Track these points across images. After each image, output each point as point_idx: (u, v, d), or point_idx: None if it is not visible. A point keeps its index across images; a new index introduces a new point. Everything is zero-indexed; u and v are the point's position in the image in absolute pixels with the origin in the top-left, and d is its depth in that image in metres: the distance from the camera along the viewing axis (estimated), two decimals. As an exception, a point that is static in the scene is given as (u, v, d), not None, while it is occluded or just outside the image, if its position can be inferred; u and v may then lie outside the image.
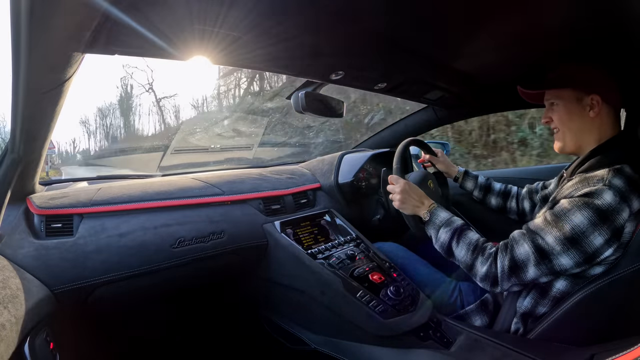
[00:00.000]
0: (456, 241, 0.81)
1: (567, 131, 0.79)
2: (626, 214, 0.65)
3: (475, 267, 0.77)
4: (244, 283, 1.13)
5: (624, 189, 0.66)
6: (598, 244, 0.65)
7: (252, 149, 2.23)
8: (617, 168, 0.68)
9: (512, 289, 0.75)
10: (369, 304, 0.84)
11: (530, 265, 0.70)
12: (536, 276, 0.71)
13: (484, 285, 0.77)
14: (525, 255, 0.71)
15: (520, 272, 0.71)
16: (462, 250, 0.80)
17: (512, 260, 0.72)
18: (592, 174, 0.70)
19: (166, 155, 1.77)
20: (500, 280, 0.73)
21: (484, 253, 0.77)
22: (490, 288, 0.76)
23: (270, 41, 0.66)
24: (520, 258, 0.71)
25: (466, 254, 0.79)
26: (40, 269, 0.72)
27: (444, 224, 0.85)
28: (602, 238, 0.64)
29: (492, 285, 0.75)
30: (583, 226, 0.65)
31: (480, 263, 0.76)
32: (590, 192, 0.66)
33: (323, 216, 1.20)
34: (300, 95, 0.94)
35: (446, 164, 1.21)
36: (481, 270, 0.76)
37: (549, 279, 0.72)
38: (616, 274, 0.65)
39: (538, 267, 0.69)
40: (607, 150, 0.74)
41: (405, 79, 1.03)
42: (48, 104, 0.62)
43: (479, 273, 0.76)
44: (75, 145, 11.53)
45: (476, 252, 0.78)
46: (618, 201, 0.64)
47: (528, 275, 0.71)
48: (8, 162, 0.71)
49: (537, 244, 0.70)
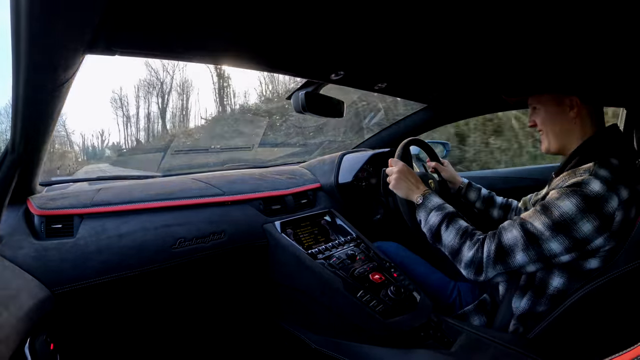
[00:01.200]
0: (446, 225, 0.81)
1: (550, 132, 0.81)
2: (615, 203, 0.65)
3: (462, 252, 0.76)
4: (244, 283, 1.13)
5: (610, 178, 0.67)
6: (587, 231, 0.65)
7: (252, 149, 2.23)
8: (602, 160, 0.70)
9: (497, 278, 0.74)
10: (369, 304, 0.84)
11: (518, 250, 0.69)
12: (524, 262, 0.69)
13: (467, 273, 0.75)
14: (514, 239, 0.70)
15: (507, 257, 0.70)
16: (450, 234, 0.79)
17: (500, 245, 0.71)
18: (578, 167, 0.72)
19: (166, 155, 1.77)
20: (485, 266, 0.72)
21: (472, 238, 0.76)
22: (474, 276, 0.74)
23: (271, 41, 0.66)
24: (508, 243, 0.71)
25: (454, 238, 0.78)
26: (41, 270, 0.72)
27: (435, 207, 0.85)
28: (590, 225, 0.65)
29: (476, 272, 0.74)
30: (572, 212, 0.65)
31: (467, 247, 0.75)
32: (577, 182, 0.67)
33: (323, 216, 1.20)
34: (300, 95, 0.94)
35: (451, 174, 1.18)
36: (467, 255, 0.75)
37: (537, 268, 0.71)
38: (614, 273, 0.65)
39: (526, 252, 0.69)
40: (591, 146, 0.75)
41: (405, 79, 1.03)
42: (48, 104, 0.62)
43: (464, 258, 0.75)
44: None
45: (465, 237, 0.77)
46: (606, 189, 0.65)
47: (515, 261, 0.70)
48: (8, 163, 0.71)
49: (526, 228, 0.69)
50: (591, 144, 0.76)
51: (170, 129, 7.78)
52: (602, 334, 0.68)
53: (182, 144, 5.49)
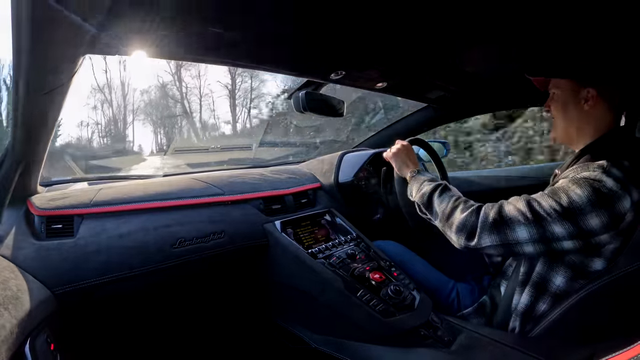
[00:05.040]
0: (439, 192, 0.79)
1: (561, 121, 0.79)
2: (628, 203, 0.63)
3: (453, 215, 0.73)
4: (244, 283, 1.13)
5: (623, 178, 0.64)
6: (595, 225, 0.63)
7: (252, 149, 2.23)
8: (615, 160, 0.67)
9: (488, 250, 0.69)
10: (370, 303, 0.84)
11: (519, 224, 0.66)
12: (523, 239, 0.66)
13: (457, 239, 0.72)
14: (517, 212, 0.67)
15: (507, 228, 0.67)
16: (443, 200, 0.77)
17: (500, 214, 0.68)
18: (590, 162, 0.69)
19: (167, 155, 1.77)
20: (479, 231, 0.68)
21: (466, 203, 0.74)
22: (465, 241, 0.71)
23: (271, 41, 0.66)
24: (509, 214, 0.67)
25: (447, 204, 0.76)
26: (41, 270, 0.72)
27: (428, 179, 0.85)
28: (599, 220, 0.62)
29: (467, 237, 0.70)
30: (582, 203, 0.63)
31: (459, 211, 0.72)
32: (590, 176, 0.65)
33: (323, 216, 1.20)
34: (300, 95, 0.94)
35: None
36: (459, 218, 0.71)
37: (535, 251, 0.68)
38: (617, 273, 0.65)
39: (528, 228, 0.65)
40: (604, 145, 0.73)
41: (405, 78, 1.03)
42: (49, 105, 0.62)
43: (456, 221, 0.72)
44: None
45: (458, 202, 0.75)
46: (620, 187, 0.63)
47: (515, 234, 0.66)
48: (8, 163, 0.71)
49: (532, 206, 0.67)
50: (602, 143, 0.74)
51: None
52: (603, 333, 0.68)
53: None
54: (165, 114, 11.73)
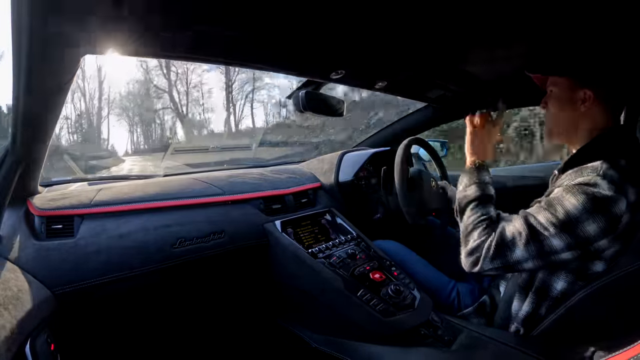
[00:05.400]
0: (476, 204, 0.77)
1: (556, 119, 0.79)
2: (623, 205, 0.63)
3: (472, 235, 0.74)
4: (244, 283, 1.13)
5: (619, 180, 0.64)
6: (592, 231, 0.63)
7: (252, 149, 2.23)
8: (611, 160, 0.67)
9: (489, 272, 0.72)
10: (370, 303, 0.84)
11: (518, 245, 0.67)
12: (522, 258, 0.67)
13: (465, 262, 0.74)
14: (516, 233, 0.68)
15: (508, 251, 0.68)
16: (473, 215, 0.76)
17: (501, 238, 0.69)
18: (585, 165, 0.69)
19: (167, 155, 1.78)
20: (482, 260, 0.70)
21: (486, 227, 0.73)
22: (470, 267, 0.73)
23: (271, 41, 0.66)
24: (510, 236, 0.69)
25: (473, 220, 0.75)
26: (41, 270, 0.72)
27: (480, 182, 0.80)
28: (596, 226, 0.63)
29: (473, 263, 0.72)
30: (577, 212, 0.63)
31: (477, 233, 0.73)
32: (584, 181, 0.65)
33: (324, 215, 1.20)
34: (300, 95, 0.94)
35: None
36: (472, 243, 0.73)
37: (535, 266, 0.69)
38: (617, 273, 0.65)
39: (526, 247, 0.67)
40: (600, 145, 0.73)
41: (405, 77, 1.02)
42: (48, 105, 0.62)
43: (469, 244, 0.73)
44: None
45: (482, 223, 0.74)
46: (614, 190, 0.63)
47: (514, 255, 0.68)
48: (8, 164, 0.71)
49: (529, 222, 0.67)
50: (598, 142, 0.73)
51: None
52: (602, 333, 0.68)
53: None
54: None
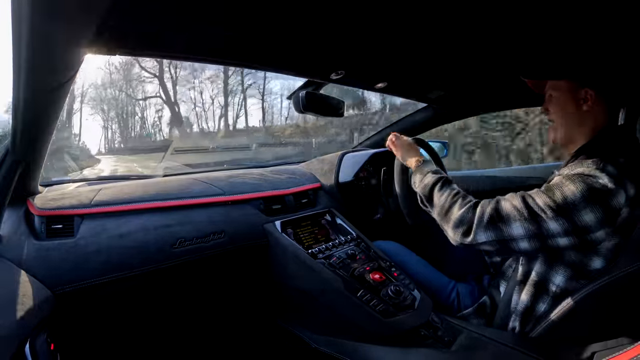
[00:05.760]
0: (440, 186, 0.80)
1: (560, 122, 0.79)
2: (622, 198, 0.64)
3: (452, 210, 0.75)
4: (244, 283, 1.13)
5: (618, 174, 0.65)
6: (589, 221, 0.63)
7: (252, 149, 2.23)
8: (610, 157, 0.68)
9: (484, 246, 0.71)
10: (370, 304, 0.84)
11: (515, 220, 0.67)
12: (518, 235, 0.67)
13: (454, 235, 0.73)
14: (512, 209, 0.68)
15: (502, 224, 0.68)
16: (443, 194, 0.79)
17: (497, 210, 0.69)
18: (585, 160, 0.70)
19: (167, 155, 1.78)
20: (475, 228, 0.70)
21: (464, 199, 0.75)
22: (462, 237, 0.72)
23: (271, 41, 0.66)
24: (505, 211, 0.68)
25: (446, 198, 0.77)
26: (41, 270, 0.72)
27: (432, 171, 0.86)
28: (593, 216, 0.63)
29: (463, 233, 0.72)
30: (575, 198, 0.63)
31: (457, 206, 0.74)
32: (584, 172, 0.66)
33: (324, 216, 1.20)
34: (300, 95, 0.94)
35: None
36: (456, 214, 0.73)
37: (531, 248, 0.68)
38: (617, 273, 0.65)
39: (523, 224, 0.66)
40: (599, 143, 0.73)
41: (406, 78, 1.03)
42: (48, 104, 0.62)
43: (453, 216, 0.73)
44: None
45: (457, 197, 0.76)
46: (614, 182, 0.63)
47: (510, 230, 0.67)
48: (8, 164, 0.71)
49: (527, 202, 0.67)
50: (598, 141, 0.74)
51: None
52: (603, 333, 0.68)
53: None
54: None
